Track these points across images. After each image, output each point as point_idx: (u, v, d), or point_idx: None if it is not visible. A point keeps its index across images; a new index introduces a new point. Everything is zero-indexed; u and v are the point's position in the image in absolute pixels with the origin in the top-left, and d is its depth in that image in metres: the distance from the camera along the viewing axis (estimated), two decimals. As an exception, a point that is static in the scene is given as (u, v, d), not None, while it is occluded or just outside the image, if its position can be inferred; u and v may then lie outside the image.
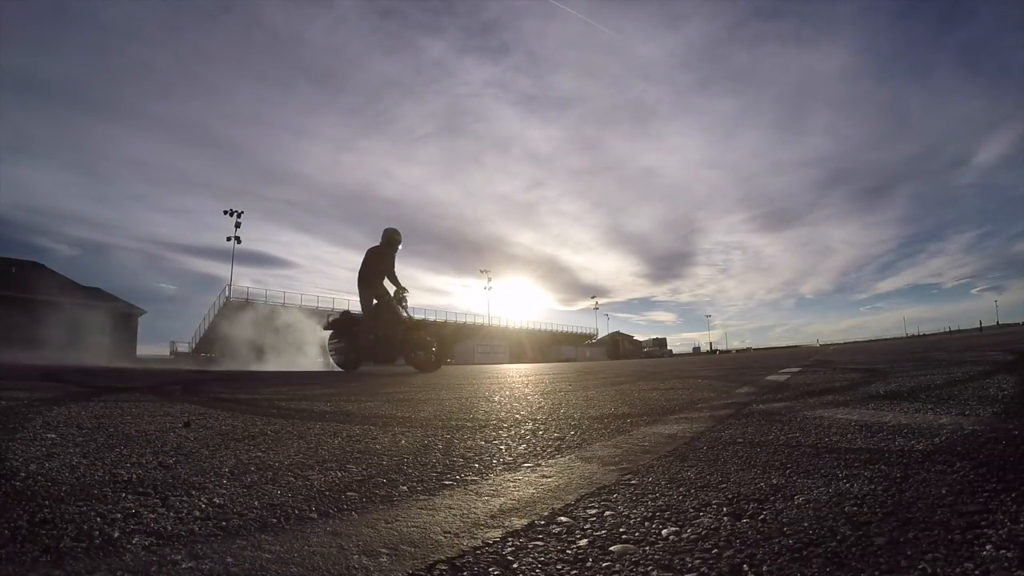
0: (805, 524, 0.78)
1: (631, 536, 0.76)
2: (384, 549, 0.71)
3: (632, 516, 0.86)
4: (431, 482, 1.11)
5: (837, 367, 5.04)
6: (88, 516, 0.83)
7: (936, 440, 1.36)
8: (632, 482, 1.08)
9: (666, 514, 0.86)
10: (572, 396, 3.17)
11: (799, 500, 0.91)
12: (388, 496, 1.00)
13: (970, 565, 0.61)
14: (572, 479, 1.12)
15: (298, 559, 0.67)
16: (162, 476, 1.13)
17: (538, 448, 1.49)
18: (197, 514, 0.86)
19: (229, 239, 41.23)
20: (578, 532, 0.79)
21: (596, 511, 0.89)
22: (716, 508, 0.89)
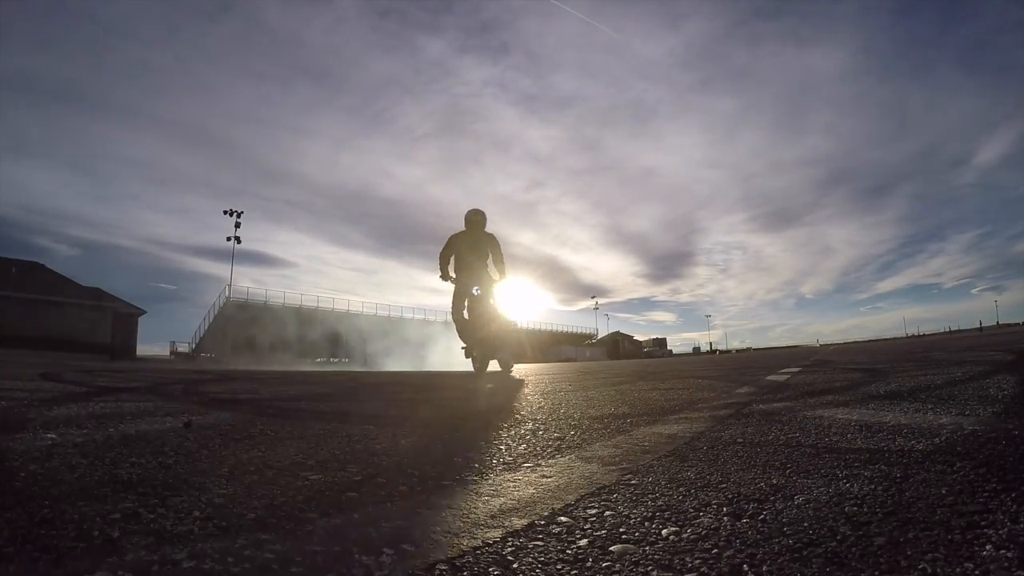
0: (805, 524, 0.78)
1: (631, 536, 0.76)
2: (384, 549, 0.71)
3: (632, 516, 0.86)
4: (431, 482, 1.11)
5: (837, 367, 5.04)
6: (88, 516, 0.83)
7: (936, 440, 1.36)
8: (632, 482, 1.08)
9: (666, 514, 0.86)
10: (572, 396, 3.17)
11: (799, 500, 0.91)
12: (388, 496, 1.00)
13: (970, 565, 0.61)
14: (572, 479, 1.12)
15: (298, 559, 0.67)
16: (162, 476, 1.13)
17: (538, 448, 1.49)
18: (197, 514, 0.86)
19: (229, 239, 41.22)
20: (578, 532, 0.79)
21: (596, 511, 0.89)
22: (716, 508, 0.89)
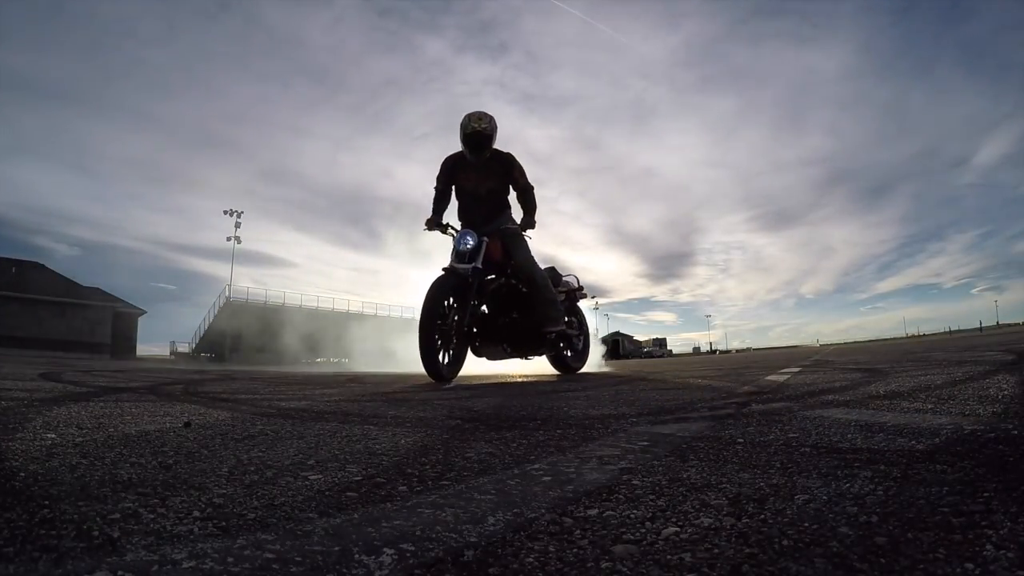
0: (805, 524, 0.78)
1: (631, 536, 0.77)
2: (384, 549, 0.71)
3: (632, 516, 0.86)
4: (431, 482, 1.11)
5: (837, 367, 5.04)
6: (88, 516, 0.83)
7: (936, 440, 1.36)
8: (632, 482, 1.08)
9: (666, 514, 0.86)
10: (572, 396, 3.17)
11: (799, 500, 0.91)
12: (388, 496, 1.00)
13: (970, 565, 0.61)
14: (572, 479, 1.12)
15: (298, 559, 0.67)
16: (162, 476, 1.13)
17: (538, 448, 1.49)
18: (197, 514, 0.86)
19: (229, 239, 41.12)
20: (578, 532, 0.79)
21: (596, 511, 0.89)
22: (716, 508, 0.89)
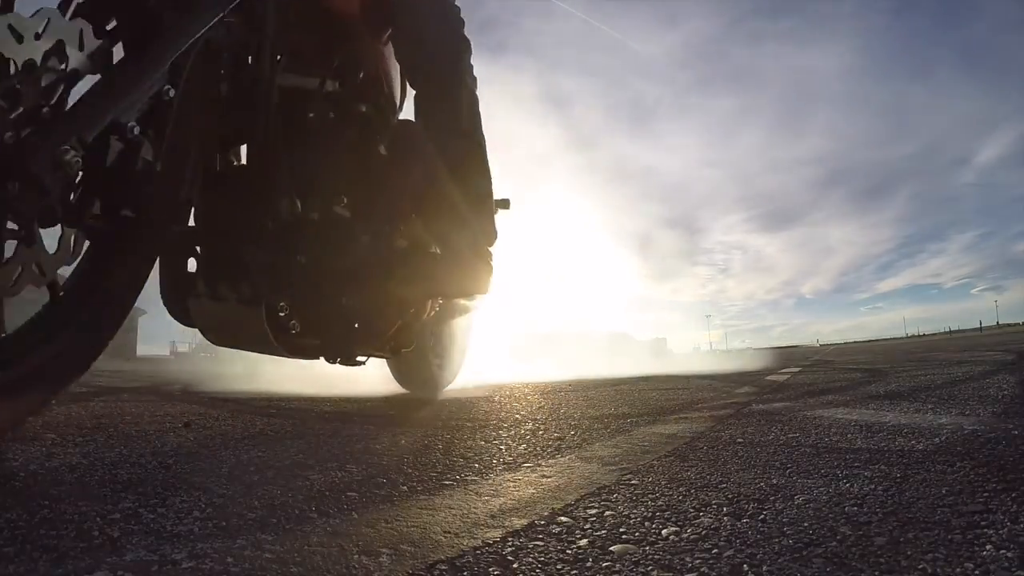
0: (805, 524, 0.78)
1: (631, 536, 0.77)
2: (384, 549, 0.71)
3: (632, 516, 0.86)
4: (431, 482, 1.11)
5: (837, 367, 5.04)
6: (88, 516, 0.83)
7: (936, 440, 1.36)
8: (632, 482, 1.08)
9: (666, 514, 0.86)
10: (572, 396, 3.17)
11: (799, 500, 0.91)
12: (388, 496, 1.00)
13: (970, 565, 0.61)
14: (572, 479, 1.12)
15: (298, 559, 0.67)
16: (162, 476, 1.13)
17: (538, 448, 1.49)
18: (197, 514, 0.86)
19: (229, 239, 40.91)
20: (578, 532, 0.79)
21: (596, 511, 0.89)
22: (716, 508, 0.89)
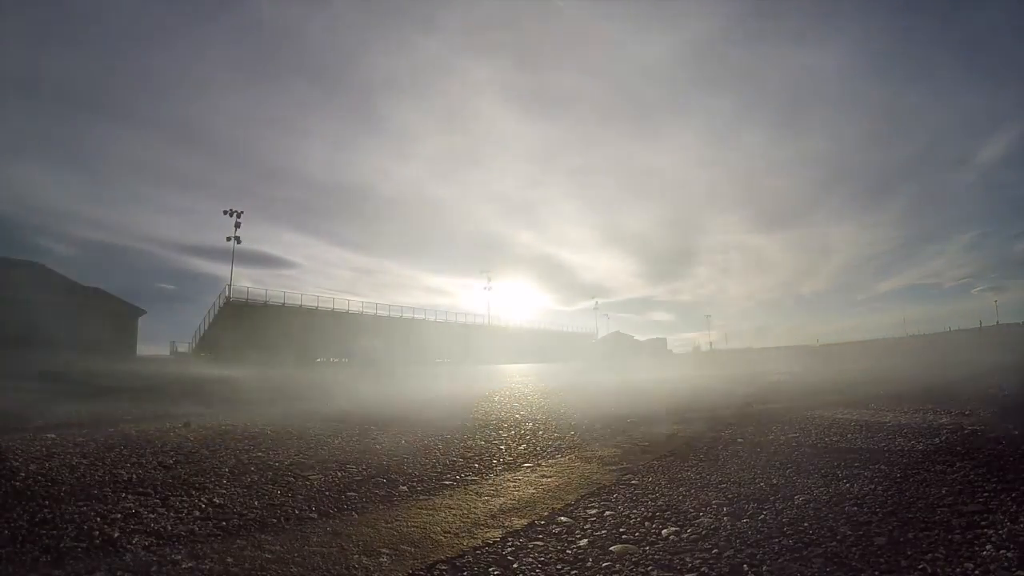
0: (805, 524, 0.78)
1: (631, 536, 0.76)
2: (384, 549, 0.71)
3: (632, 516, 0.86)
4: (431, 482, 1.11)
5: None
6: (88, 516, 0.83)
7: (936, 440, 1.36)
8: (632, 482, 1.08)
9: (666, 514, 0.86)
10: (572, 396, 3.17)
11: (799, 500, 0.91)
12: (388, 496, 1.00)
13: (970, 565, 0.61)
14: (572, 479, 1.12)
15: (298, 559, 0.67)
16: (162, 476, 1.13)
17: (538, 448, 1.49)
18: (197, 514, 0.86)
19: (229, 239, 40.94)
20: (578, 532, 0.79)
21: (596, 511, 0.89)
22: (716, 508, 0.89)
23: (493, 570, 0.66)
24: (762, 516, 0.84)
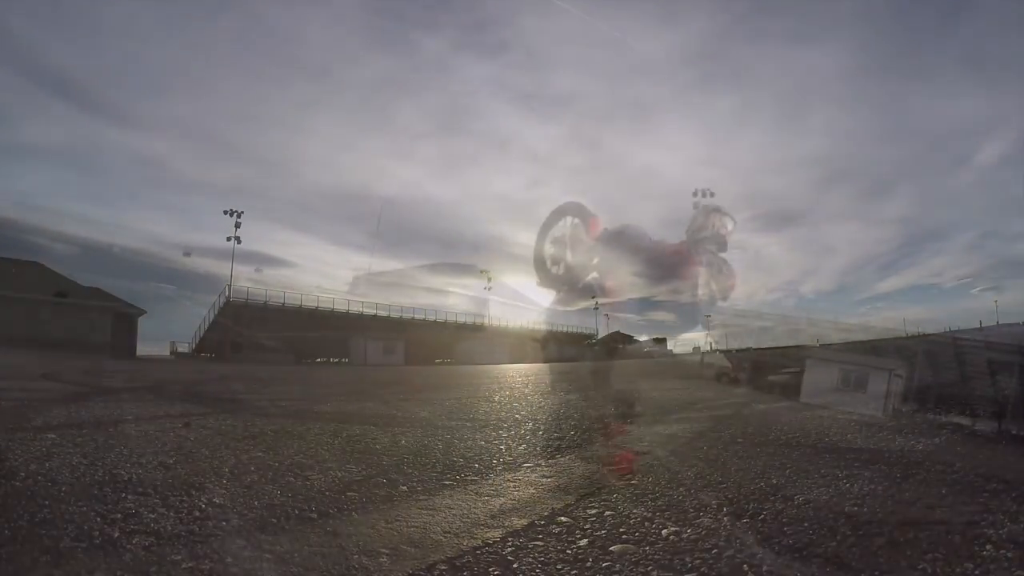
0: (805, 524, 0.78)
1: (631, 536, 0.77)
2: (384, 549, 0.71)
3: (632, 516, 0.86)
4: (431, 482, 1.11)
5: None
6: (88, 516, 0.83)
7: (936, 440, 1.36)
8: (632, 482, 1.08)
9: (666, 514, 0.86)
10: (572, 396, 3.17)
11: (799, 500, 0.91)
12: (388, 496, 1.00)
13: (970, 565, 0.61)
14: (572, 479, 1.12)
15: (298, 559, 0.67)
16: (162, 476, 1.13)
17: (538, 448, 1.49)
18: (197, 514, 0.86)
19: (229, 239, 40.97)
20: (578, 532, 0.79)
21: (596, 511, 0.89)
22: (716, 508, 0.89)
23: (493, 570, 0.66)
24: (762, 516, 0.84)
